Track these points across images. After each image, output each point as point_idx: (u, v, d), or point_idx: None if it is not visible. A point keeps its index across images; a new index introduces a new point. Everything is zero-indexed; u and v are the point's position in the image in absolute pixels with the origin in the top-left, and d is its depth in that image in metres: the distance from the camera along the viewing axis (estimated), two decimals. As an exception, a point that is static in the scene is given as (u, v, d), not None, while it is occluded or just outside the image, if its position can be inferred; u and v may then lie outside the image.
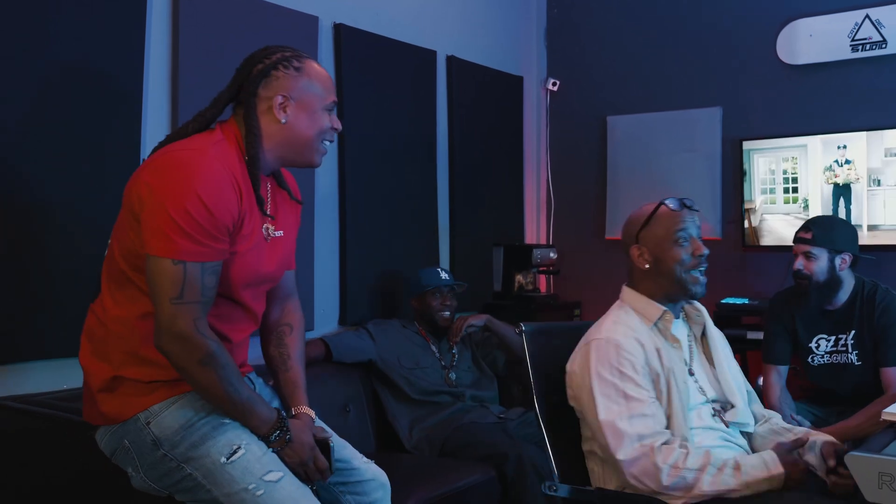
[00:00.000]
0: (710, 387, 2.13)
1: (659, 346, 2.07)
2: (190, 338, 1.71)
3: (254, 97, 1.84)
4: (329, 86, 1.91)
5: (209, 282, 1.74)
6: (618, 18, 4.56)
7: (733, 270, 4.16)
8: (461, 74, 4.19)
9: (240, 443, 1.79)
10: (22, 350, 2.52)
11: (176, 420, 1.79)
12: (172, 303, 1.69)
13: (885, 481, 1.67)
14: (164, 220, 1.69)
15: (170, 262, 1.69)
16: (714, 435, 2.06)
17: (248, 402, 1.81)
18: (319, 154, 1.94)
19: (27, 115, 2.52)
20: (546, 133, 4.78)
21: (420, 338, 3.46)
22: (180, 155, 1.76)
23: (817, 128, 3.90)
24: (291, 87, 1.84)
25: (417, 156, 3.96)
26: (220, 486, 1.76)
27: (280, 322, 2.08)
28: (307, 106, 1.86)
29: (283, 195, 1.98)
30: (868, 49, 3.80)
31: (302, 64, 1.86)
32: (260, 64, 1.85)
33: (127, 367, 1.81)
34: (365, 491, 2.04)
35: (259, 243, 1.87)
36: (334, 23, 3.53)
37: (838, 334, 2.94)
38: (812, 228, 2.90)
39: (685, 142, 4.30)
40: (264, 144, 1.85)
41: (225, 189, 1.75)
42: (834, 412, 2.95)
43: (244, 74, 1.86)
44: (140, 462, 1.81)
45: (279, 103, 1.83)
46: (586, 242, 4.64)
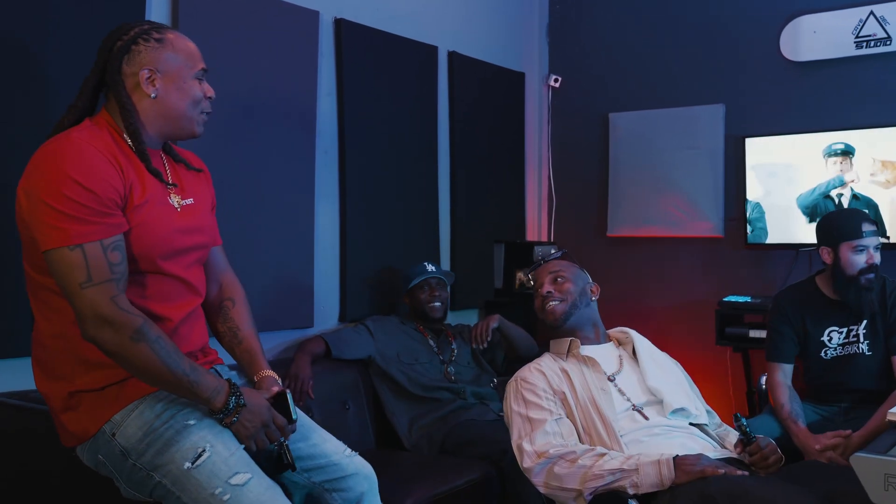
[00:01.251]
0: (638, 393, 2.31)
1: (565, 368, 2.32)
2: (114, 317, 1.67)
3: (119, 74, 1.79)
4: (195, 53, 1.87)
5: (114, 258, 1.70)
6: (620, 15, 4.54)
7: (735, 268, 4.14)
8: (463, 70, 4.17)
9: (204, 445, 1.74)
10: (19, 345, 2.50)
11: (138, 427, 1.75)
12: (84, 288, 1.66)
13: (891, 483, 1.66)
14: (44, 212, 1.66)
15: (66, 249, 1.66)
16: (655, 431, 2.23)
17: (192, 373, 1.75)
18: (199, 124, 1.91)
19: (24, 114, 2.50)
20: (548, 129, 4.76)
21: (418, 333, 3.44)
22: (46, 149, 1.73)
23: (821, 125, 3.88)
24: (156, 60, 1.80)
25: (418, 152, 3.94)
26: (188, 492, 1.73)
27: (221, 298, 2.05)
28: (175, 77, 1.82)
29: (182, 167, 1.95)
30: (872, 46, 3.78)
31: (163, 35, 1.83)
32: (119, 41, 1.80)
33: (78, 378, 1.78)
34: (349, 486, 2.00)
35: (167, 213, 1.83)
36: (335, 18, 3.51)
37: (850, 325, 2.93)
38: (871, 220, 2.91)
39: (687, 139, 4.28)
40: (142, 120, 1.82)
41: (97, 164, 1.71)
42: (840, 411, 2.94)
43: (105, 53, 1.81)
44: (118, 474, 1.80)
45: (146, 77, 1.79)
46: (588, 239, 4.62)
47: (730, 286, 4.05)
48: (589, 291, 2.48)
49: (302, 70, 3.34)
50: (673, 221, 4.32)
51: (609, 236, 4.53)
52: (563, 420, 2.23)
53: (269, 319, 3.14)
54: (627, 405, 2.28)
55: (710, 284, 4.17)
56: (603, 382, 2.30)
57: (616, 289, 4.48)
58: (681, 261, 4.34)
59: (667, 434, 2.22)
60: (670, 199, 4.32)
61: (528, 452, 2.17)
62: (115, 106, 1.81)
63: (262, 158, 3.17)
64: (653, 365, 2.38)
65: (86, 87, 1.83)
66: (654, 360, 2.40)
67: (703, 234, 4.25)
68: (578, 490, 2.07)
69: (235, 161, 3.04)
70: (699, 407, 2.35)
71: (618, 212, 4.50)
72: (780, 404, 2.92)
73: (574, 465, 2.09)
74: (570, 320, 2.42)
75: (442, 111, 4.09)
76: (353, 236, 3.55)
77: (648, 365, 2.37)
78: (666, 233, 4.35)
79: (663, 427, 2.25)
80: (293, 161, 3.30)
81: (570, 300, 2.42)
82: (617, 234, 4.52)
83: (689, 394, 2.36)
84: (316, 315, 3.40)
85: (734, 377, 4.03)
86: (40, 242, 1.68)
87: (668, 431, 2.23)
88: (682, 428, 2.27)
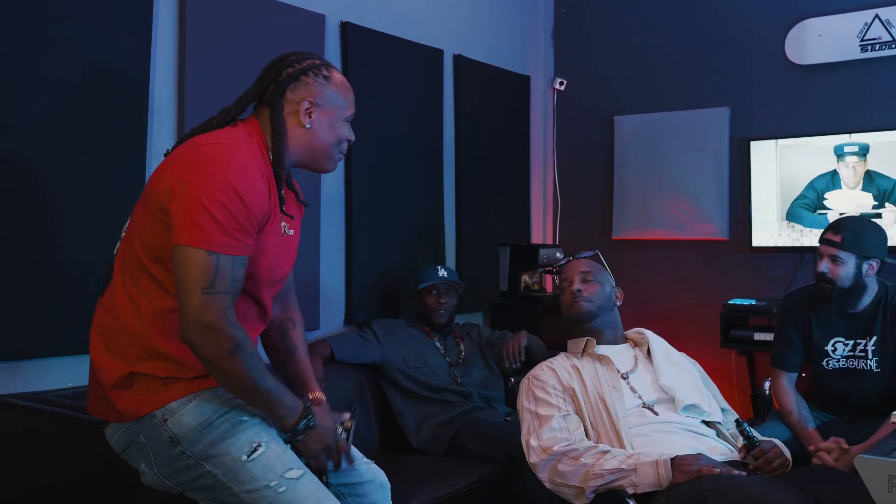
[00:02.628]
0: (650, 391, 2.35)
1: (577, 365, 2.37)
2: (220, 328, 1.70)
3: (281, 98, 1.86)
4: (351, 99, 1.96)
5: (238, 274, 1.74)
6: (625, 18, 4.54)
7: (740, 271, 4.14)
8: (468, 73, 4.18)
9: (260, 440, 1.79)
10: (26, 347, 2.52)
11: (194, 418, 1.78)
12: (204, 293, 1.68)
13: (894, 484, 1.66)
14: (198, 211, 1.69)
15: (203, 252, 1.69)
16: (662, 427, 2.26)
17: (275, 390, 1.80)
18: (334, 162, 1.98)
19: (35, 113, 2.52)
20: (553, 132, 4.77)
21: (425, 336, 3.44)
22: (213, 149, 1.77)
23: (826, 128, 3.88)
24: (319, 95, 1.88)
25: (424, 155, 3.95)
26: (241, 483, 1.76)
27: (283, 318, 2.11)
28: (331, 115, 1.91)
29: (292, 196, 2.00)
30: (878, 49, 3.78)
31: (330, 74, 1.92)
32: (290, 68, 1.88)
33: (143, 363, 1.80)
34: (365, 492, 2.06)
35: (280, 242, 1.89)
36: (341, 21, 3.53)
37: (857, 339, 2.83)
38: (842, 231, 2.75)
39: (693, 142, 4.28)
40: (288, 146, 1.88)
41: (257, 182, 1.76)
42: (844, 420, 2.88)
43: (272, 75, 1.89)
44: (155, 458, 1.80)
45: (305, 108, 1.87)
46: (593, 242, 4.60)
47: (734, 289, 4.05)
48: (614, 296, 2.54)
49: (308, 73, 3.35)
50: (678, 224, 4.32)
51: (614, 239, 4.53)
52: (571, 416, 2.28)
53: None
54: (638, 402, 2.32)
55: (714, 287, 4.17)
56: (615, 380, 2.34)
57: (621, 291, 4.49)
58: (686, 263, 4.34)
59: (674, 431, 2.25)
60: (675, 201, 4.33)
61: (535, 448, 2.23)
62: (267, 122, 1.88)
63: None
64: (667, 364, 2.42)
65: (244, 100, 1.89)
66: (668, 359, 2.44)
67: (708, 237, 4.25)
68: (580, 488, 2.11)
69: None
70: (713, 405, 2.37)
71: (623, 214, 4.50)
72: (787, 411, 2.87)
73: (576, 463, 2.14)
74: (594, 322, 2.47)
75: (447, 114, 4.10)
76: (358, 239, 3.56)
77: (662, 364, 2.41)
78: (671, 236, 4.35)
79: (671, 424, 2.27)
80: (299, 164, 3.31)
81: (598, 302, 2.48)
82: (622, 237, 4.52)
83: (702, 391, 2.39)
84: (322, 317, 3.41)
85: (739, 380, 4.03)
86: (180, 234, 1.70)
87: (675, 429, 2.26)
88: (690, 425, 2.30)
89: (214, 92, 2.98)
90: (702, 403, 2.32)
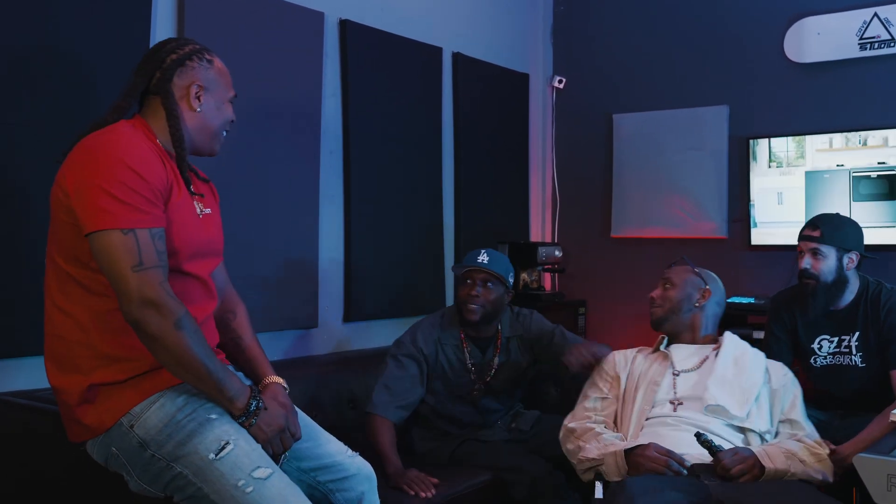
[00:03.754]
0: (691, 389, 2.49)
1: (637, 357, 2.66)
2: (163, 301, 1.70)
3: (169, 84, 1.89)
4: (230, 81, 2.01)
5: (160, 247, 1.75)
6: (624, 16, 4.54)
7: (739, 269, 4.14)
8: (467, 71, 4.18)
9: (228, 438, 1.78)
10: (24, 345, 2.51)
11: (159, 419, 1.78)
12: (135, 271, 1.70)
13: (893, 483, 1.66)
14: (99, 196, 1.70)
15: (119, 232, 1.70)
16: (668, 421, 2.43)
17: (221, 371, 1.80)
18: (220, 143, 2.03)
19: (28, 110, 2.51)
20: (552, 130, 4.77)
21: (459, 345, 3.02)
22: (97, 139, 1.79)
23: (825, 126, 3.88)
24: (204, 78, 1.93)
25: (423, 153, 3.95)
26: (210, 482, 1.75)
27: (223, 311, 2.11)
28: (217, 97, 1.96)
29: (193, 177, 2.00)
30: (877, 47, 3.78)
31: (212, 58, 1.96)
32: (173, 54, 1.91)
33: (98, 372, 1.79)
34: (351, 486, 2.06)
35: (194, 218, 1.91)
36: (340, 19, 3.52)
37: (841, 335, 2.87)
38: (820, 226, 2.82)
39: (692, 140, 4.28)
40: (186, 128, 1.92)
41: (150, 156, 1.79)
42: (836, 415, 2.89)
43: (156, 63, 1.90)
44: (131, 466, 1.81)
45: (195, 92, 1.91)
46: (592, 240, 4.63)
47: (733, 287, 4.04)
48: (695, 297, 2.68)
49: (307, 71, 3.35)
50: (677, 222, 4.32)
51: (613, 237, 4.53)
52: (608, 399, 2.60)
53: (272, 320, 3.16)
54: (669, 397, 2.49)
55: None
56: (662, 376, 2.54)
57: (620, 289, 4.49)
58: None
59: (678, 426, 2.38)
60: (674, 200, 4.33)
61: (564, 424, 2.60)
62: (153, 112, 1.90)
63: (266, 159, 3.18)
64: (725, 367, 2.50)
65: (133, 91, 1.91)
66: (733, 363, 2.52)
67: (706, 236, 4.25)
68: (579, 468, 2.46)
69: (240, 162, 3.05)
70: (758, 413, 2.44)
71: (622, 213, 4.50)
72: None
73: (576, 444, 2.49)
74: (665, 326, 2.69)
75: (446, 112, 4.09)
76: (357, 237, 3.56)
77: (720, 366, 2.51)
78: (670, 234, 4.35)
79: (682, 419, 2.41)
80: (298, 162, 3.31)
81: (668, 307, 2.68)
82: (621, 235, 4.52)
83: (748, 398, 2.43)
84: (320, 316, 3.41)
85: (738, 378, 4.03)
86: (89, 224, 1.71)
87: (682, 425, 2.38)
88: (703, 423, 2.37)
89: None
90: (732, 407, 2.40)
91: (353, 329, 3.58)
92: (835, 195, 3.79)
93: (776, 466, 2.25)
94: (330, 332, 3.48)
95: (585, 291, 4.53)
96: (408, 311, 3.65)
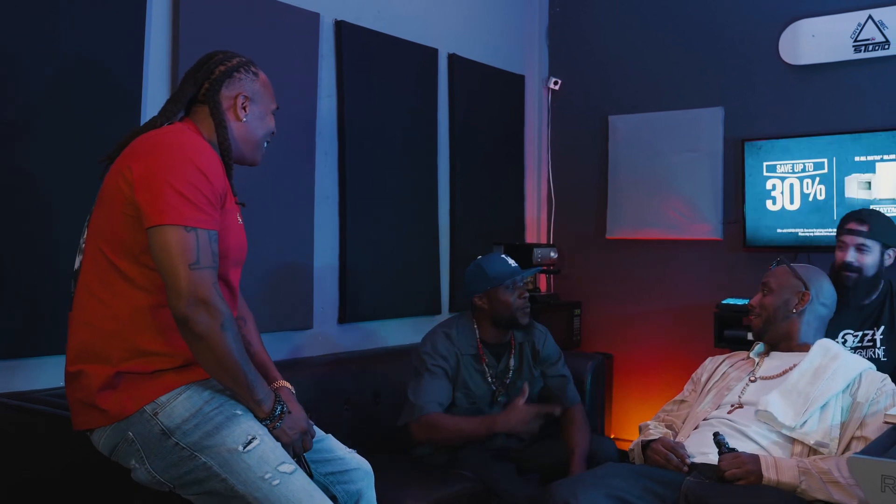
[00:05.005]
0: (756, 395, 2.44)
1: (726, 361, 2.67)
2: (214, 302, 1.75)
3: (217, 94, 1.96)
4: (273, 93, 2.08)
5: (215, 249, 1.80)
6: (620, 17, 4.55)
7: (734, 271, 4.15)
8: (463, 72, 4.18)
9: (255, 434, 1.82)
10: (17, 346, 2.51)
11: (186, 409, 1.80)
12: (192, 269, 1.73)
13: (888, 484, 1.67)
14: (168, 192, 1.75)
15: (182, 229, 1.74)
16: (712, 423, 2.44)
17: (254, 374, 1.85)
18: (262, 153, 2.09)
19: (27, 110, 2.51)
20: (547, 132, 4.77)
21: (476, 355, 2.98)
22: (167, 136, 1.86)
23: (819, 129, 3.89)
24: (251, 90, 2.00)
25: (418, 154, 3.95)
26: (237, 474, 1.78)
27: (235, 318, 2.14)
28: (261, 108, 2.03)
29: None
30: (871, 50, 3.79)
31: (258, 70, 2.04)
32: (222, 65, 1.98)
33: (126, 363, 1.81)
34: (352, 479, 2.12)
35: (237, 226, 1.97)
36: (336, 20, 3.52)
37: (865, 330, 2.89)
38: (867, 220, 2.84)
39: (687, 142, 4.29)
40: (234, 137, 1.99)
41: (216, 161, 1.86)
42: None
43: (206, 74, 1.98)
44: (146, 454, 1.81)
45: (241, 103, 1.98)
46: (587, 242, 4.63)
47: (728, 289, 4.06)
48: (793, 301, 2.54)
49: (302, 72, 3.35)
50: (672, 224, 4.33)
51: (608, 238, 4.53)
52: (685, 402, 2.66)
53: (268, 321, 3.15)
54: (733, 400, 2.48)
55: (708, 287, 4.17)
56: (737, 381, 2.53)
57: (615, 291, 4.50)
58: (680, 263, 4.34)
59: (714, 428, 2.36)
60: (670, 201, 4.33)
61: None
62: (201, 120, 1.97)
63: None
64: (802, 374, 2.39)
65: (182, 98, 1.97)
66: (814, 371, 2.39)
67: (702, 237, 4.26)
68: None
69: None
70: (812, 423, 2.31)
71: (617, 214, 4.51)
72: None
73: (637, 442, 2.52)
74: (765, 336, 2.58)
75: (442, 113, 4.10)
76: (352, 238, 3.56)
77: (796, 374, 2.41)
78: (665, 235, 4.36)
79: (726, 421, 2.41)
80: (293, 163, 3.31)
81: (766, 315, 2.57)
82: (616, 237, 4.52)
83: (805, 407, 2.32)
84: (315, 317, 3.40)
85: (733, 380, 4.04)
86: (154, 217, 1.74)
87: (721, 426, 2.38)
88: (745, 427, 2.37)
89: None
90: (782, 416, 2.32)
91: (348, 330, 3.58)
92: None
93: (779, 479, 2.17)
94: (325, 334, 3.48)
95: (580, 293, 4.53)
96: (403, 313, 3.65)
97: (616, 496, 2.09)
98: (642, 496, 2.13)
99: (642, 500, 2.12)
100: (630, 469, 2.29)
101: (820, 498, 2.14)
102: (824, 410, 2.33)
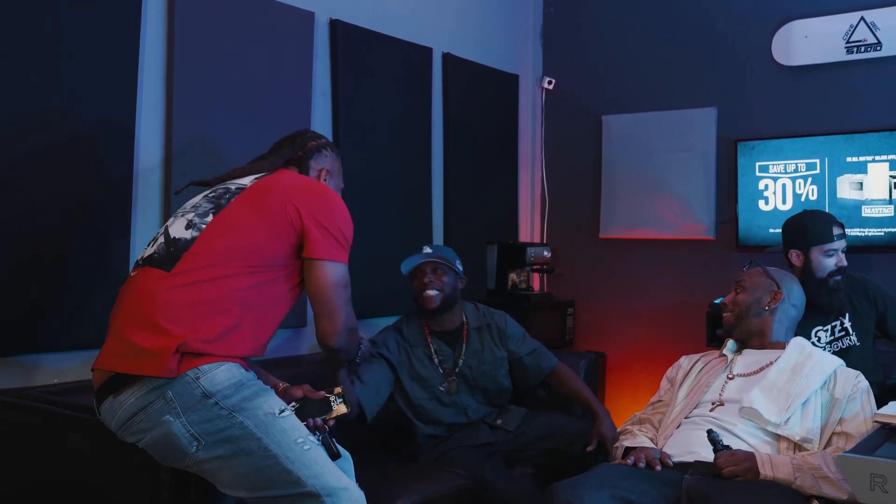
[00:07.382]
0: (736, 392, 2.48)
1: (700, 360, 2.71)
2: (357, 327, 2.20)
3: (307, 163, 2.35)
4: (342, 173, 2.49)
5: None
6: (614, 17, 4.56)
7: (727, 270, 4.16)
8: (457, 72, 4.18)
9: (285, 407, 2.01)
10: (11, 344, 2.51)
11: (226, 377, 1.94)
12: (348, 304, 2.13)
13: (876, 482, 1.68)
14: (338, 234, 2.14)
15: (344, 267, 2.13)
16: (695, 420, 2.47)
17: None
18: None
19: (20, 111, 2.51)
20: (541, 131, 4.78)
21: (424, 341, 3.08)
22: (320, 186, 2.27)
23: (812, 129, 3.91)
24: (333, 166, 2.41)
25: (412, 153, 3.95)
26: (272, 434, 1.92)
27: None
28: (336, 182, 2.44)
29: None
30: (863, 51, 3.81)
31: (337, 152, 2.45)
32: (313, 141, 2.39)
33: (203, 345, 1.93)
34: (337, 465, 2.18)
35: None
36: (330, 19, 3.52)
37: (832, 322, 2.94)
38: (841, 225, 2.95)
39: (680, 142, 4.30)
40: None
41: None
42: None
43: (300, 145, 2.36)
44: (182, 410, 1.90)
45: (324, 175, 2.38)
46: (580, 241, 4.64)
47: (721, 288, 4.06)
48: (766, 300, 2.61)
49: (296, 71, 3.35)
50: (665, 223, 4.34)
51: (601, 238, 4.55)
52: (659, 403, 2.69)
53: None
54: (713, 398, 2.51)
55: (701, 286, 4.18)
56: (715, 378, 2.56)
57: (608, 290, 4.51)
58: (673, 262, 4.36)
59: (703, 426, 2.37)
60: (663, 201, 4.35)
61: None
62: None
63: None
64: (781, 372, 2.45)
65: (282, 156, 2.33)
66: (791, 369, 2.45)
67: (694, 237, 4.27)
68: None
69: (229, 161, 3.04)
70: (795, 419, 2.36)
71: (610, 213, 4.52)
72: None
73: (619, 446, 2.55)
74: (734, 331, 2.65)
75: (436, 112, 4.10)
76: (346, 236, 3.56)
77: (774, 371, 2.46)
78: (658, 235, 4.37)
79: (709, 419, 2.44)
80: (288, 161, 3.31)
81: (738, 311, 2.64)
82: (609, 236, 4.54)
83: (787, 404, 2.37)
84: (309, 315, 3.40)
85: (724, 379, 4.05)
86: (322, 251, 2.10)
87: (706, 424, 2.39)
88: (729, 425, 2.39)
89: (203, 88, 2.98)
90: (767, 413, 2.36)
91: (342, 328, 3.58)
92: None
93: (775, 475, 2.19)
94: (319, 332, 3.48)
95: (574, 292, 4.55)
96: (395, 311, 3.64)
97: (619, 496, 2.10)
98: (644, 496, 2.14)
99: (645, 498, 2.13)
100: (631, 469, 2.31)
101: (813, 494, 2.16)
102: (805, 407, 2.38)
